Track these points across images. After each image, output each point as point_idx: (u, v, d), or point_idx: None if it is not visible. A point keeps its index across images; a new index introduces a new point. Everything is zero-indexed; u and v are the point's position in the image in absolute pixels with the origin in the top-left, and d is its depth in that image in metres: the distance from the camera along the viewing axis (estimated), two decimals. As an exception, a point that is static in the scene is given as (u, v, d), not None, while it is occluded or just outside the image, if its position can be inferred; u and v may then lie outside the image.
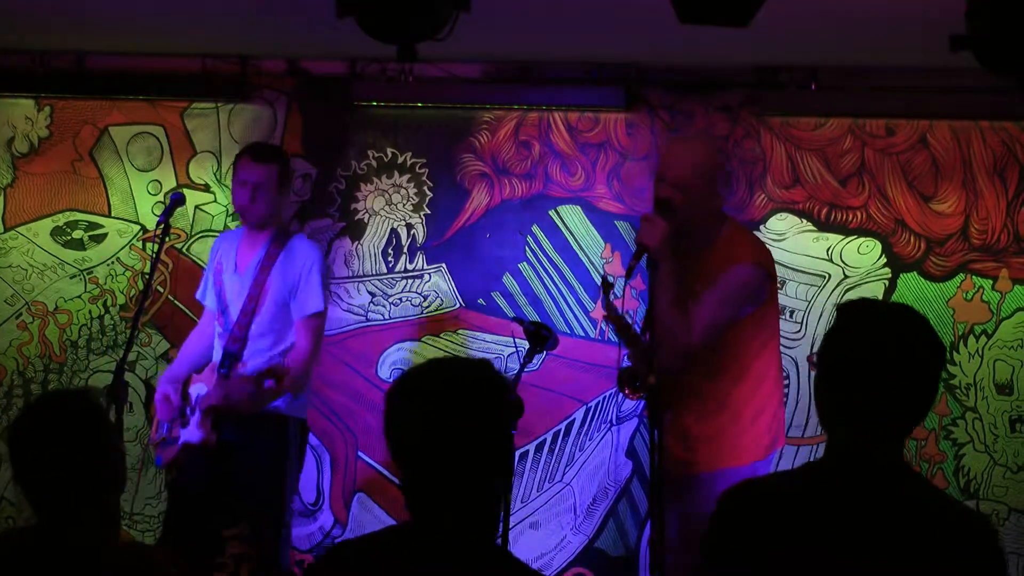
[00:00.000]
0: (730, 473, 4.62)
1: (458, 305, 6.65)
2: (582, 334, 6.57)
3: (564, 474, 6.57)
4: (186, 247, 6.71)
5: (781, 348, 4.87)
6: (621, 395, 5.27)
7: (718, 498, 2.90)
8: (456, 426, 2.62)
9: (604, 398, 6.53)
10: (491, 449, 2.66)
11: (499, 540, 5.04)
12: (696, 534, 4.61)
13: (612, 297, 4.75)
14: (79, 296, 6.72)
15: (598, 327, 6.56)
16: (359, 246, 6.67)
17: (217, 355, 5.64)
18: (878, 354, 2.78)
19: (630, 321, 5.00)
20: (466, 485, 2.65)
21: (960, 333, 6.43)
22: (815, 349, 6.39)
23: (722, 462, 4.67)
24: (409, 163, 6.69)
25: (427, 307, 6.65)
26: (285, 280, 5.60)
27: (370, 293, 6.66)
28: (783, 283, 6.38)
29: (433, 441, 2.63)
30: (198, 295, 5.95)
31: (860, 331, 2.82)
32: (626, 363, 5.01)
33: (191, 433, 5.53)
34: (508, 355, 6.52)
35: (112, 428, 3.36)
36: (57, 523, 3.16)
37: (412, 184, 6.68)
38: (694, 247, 4.66)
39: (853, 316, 2.87)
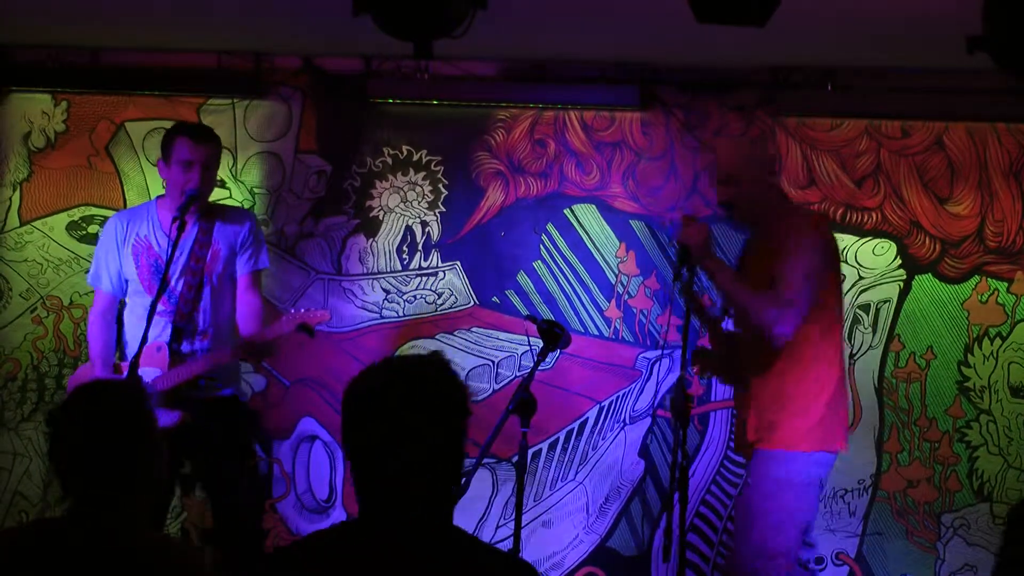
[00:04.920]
0: (782, 456, 4.85)
1: (472, 303, 6.65)
2: (596, 333, 6.57)
3: (577, 473, 6.57)
4: (201, 243, 6.71)
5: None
6: (633, 394, 5.33)
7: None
8: (411, 421, 2.64)
9: (617, 397, 6.53)
10: (443, 440, 2.68)
11: (511, 539, 5.06)
12: (748, 508, 4.82)
13: (684, 273, 4.89)
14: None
15: (612, 326, 6.55)
16: (374, 243, 6.67)
17: (159, 334, 5.52)
18: None
19: (703, 300, 5.16)
20: (420, 477, 2.66)
21: (975, 335, 6.41)
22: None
23: (776, 443, 4.85)
24: (424, 160, 6.69)
25: (441, 304, 6.66)
26: (230, 242, 5.62)
27: (384, 290, 6.67)
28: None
29: (389, 436, 2.64)
30: (90, 280, 5.83)
31: None
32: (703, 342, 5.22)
33: (163, 418, 5.43)
34: (522, 353, 6.52)
35: (155, 425, 3.35)
36: (89, 512, 3.16)
37: (427, 181, 6.69)
38: (759, 235, 4.97)
39: None
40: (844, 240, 6.48)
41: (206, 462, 5.60)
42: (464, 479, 5.03)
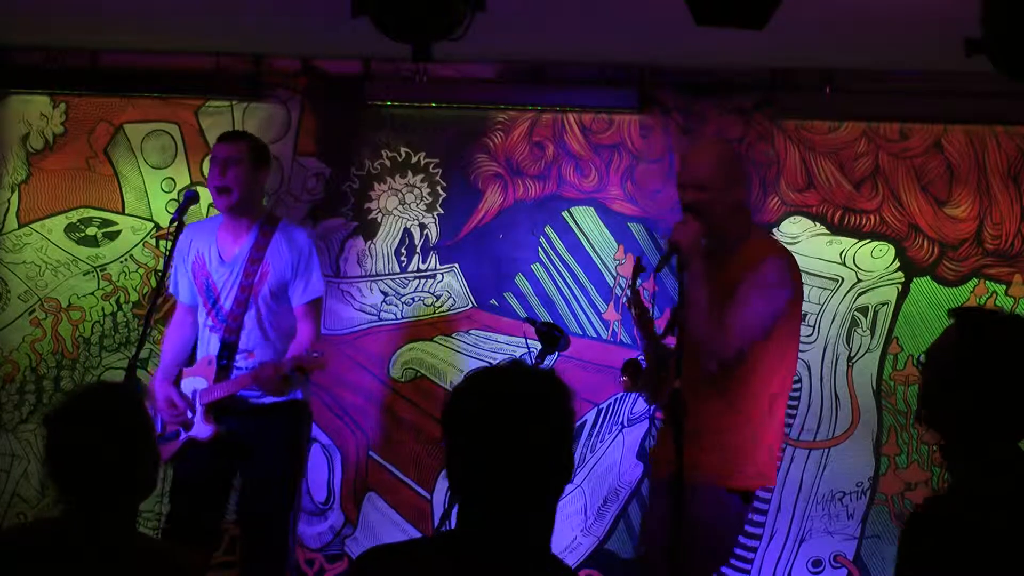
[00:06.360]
0: (723, 495, 4.62)
1: (470, 305, 6.65)
2: (594, 335, 6.57)
3: (575, 475, 6.57)
4: (199, 245, 6.71)
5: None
6: (629, 392, 5.29)
7: (908, 519, 2.96)
8: (523, 434, 2.61)
9: (616, 400, 6.53)
10: (553, 459, 2.66)
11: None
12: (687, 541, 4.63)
13: (639, 284, 4.77)
14: (92, 293, 6.73)
15: (610, 328, 6.55)
16: (372, 246, 6.67)
17: (212, 347, 5.62)
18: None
19: (651, 315, 5.01)
20: (524, 494, 2.65)
21: (973, 338, 6.40)
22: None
23: (721, 480, 4.62)
24: (423, 163, 6.69)
25: (439, 307, 6.66)
26: (281, 267, 5.62)
27: (383, 292, 6.67)
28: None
29: (497, 447, 2.60)
30: (170, 289, 5.89)
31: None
32: (637, 355, 5.02)
33: (198, 429, 5.54)
34: (520, 356, 6.51)
35: (151, 427, 3.35)
36: (83, 514, 3.16)
37: (425, 184, 6.69)
38: (721, 251, 4.67)
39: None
40: (842, 243, 6.49)
41: (247, 472, 5.66)
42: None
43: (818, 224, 6.51)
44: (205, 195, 6.43)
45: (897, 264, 6.48)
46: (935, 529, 2.83)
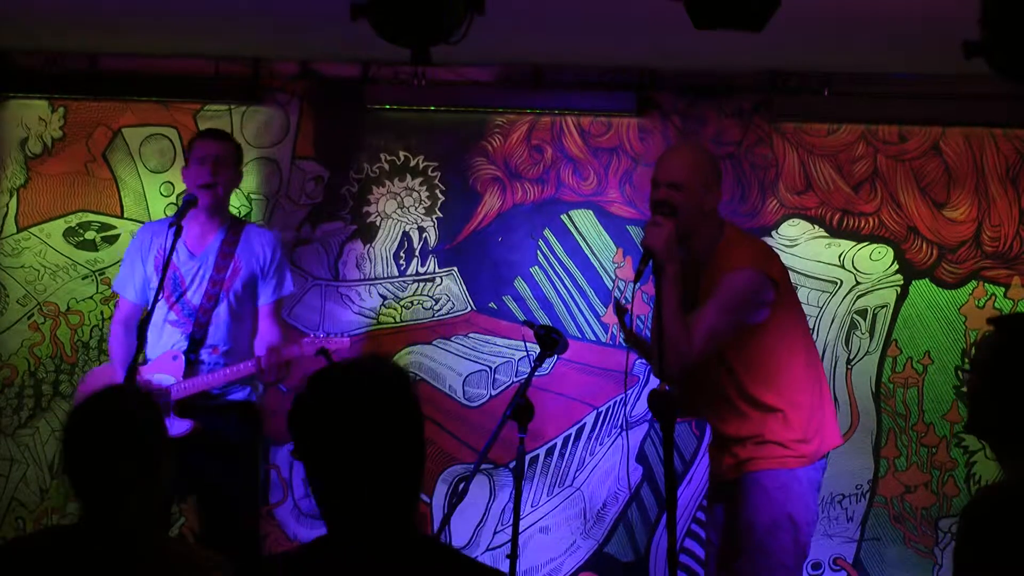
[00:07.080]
0: (765, 477, 4.64)
1: (469, 308, 6.65)
2: (593, 338, 6.57)
3: (574, 479, 6.57)
4: (198, 249, 6.71)
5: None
6: (631, 400, 5.30)
7: (966, 509, 2.99)
8: (365, 428, 2.62)
9: (615, 402, 6.53)
10: (401, 446, 2.65)
11: (508, 545, 5.04)
12: (735, 537, 4.66)
13: (627, 321, 4.78)
14: (91, 297, 6.72)
15: (609, 331, 6.55)
16: (371, 249, 6.67)
17: (174, 343, 5.59)
18: None
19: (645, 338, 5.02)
20: (379, 485, 2.63)
21: (972, 341, 6.41)
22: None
23: (756, 465, 4.65)
24: (421, 166, 6.69)
25: (438, 310, 6.65)
26: (252, 263, 5.66)
27: (381, 296, 6.66)
28: (795, 289, 6.37)
29: (344, 444, 2.62)
30: (117, 287, 5.86)
31: None
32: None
33: (172, 426, 5.48)
34: (519, 359, 6.52)
35: (165, 427, 3.37)
36: (103, 519, 3.17)
37: (424, 187, 6.68)
38: (696, 257, 4.70)
39: None
40: (841, 245, 6.49)
41: (213, 470, 5.61)
42: (463, 485, 5.05)
43: (817, 227, 6.51)
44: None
45: (896, 266, 6.49)
46: (992, 528, 2.87)
